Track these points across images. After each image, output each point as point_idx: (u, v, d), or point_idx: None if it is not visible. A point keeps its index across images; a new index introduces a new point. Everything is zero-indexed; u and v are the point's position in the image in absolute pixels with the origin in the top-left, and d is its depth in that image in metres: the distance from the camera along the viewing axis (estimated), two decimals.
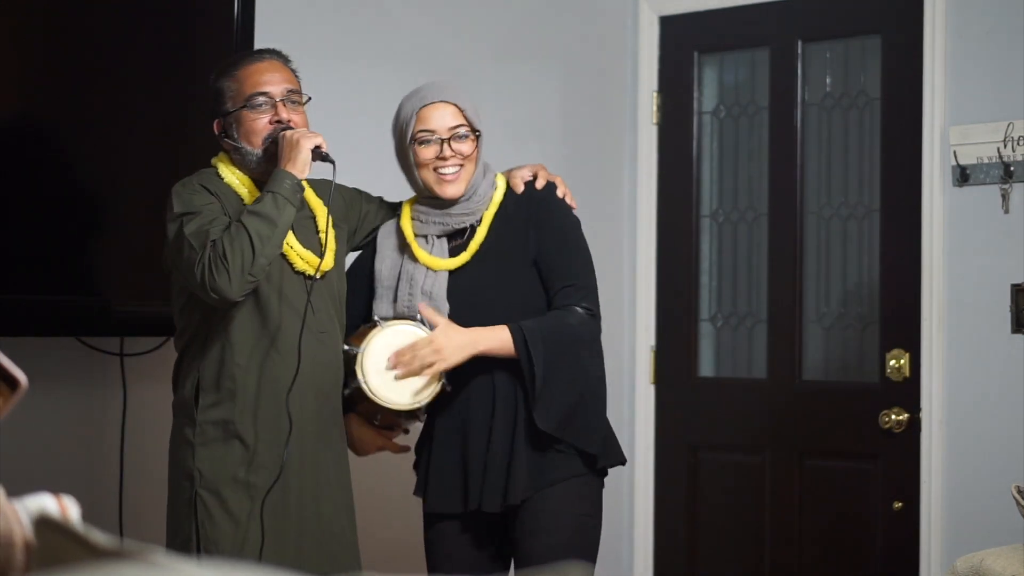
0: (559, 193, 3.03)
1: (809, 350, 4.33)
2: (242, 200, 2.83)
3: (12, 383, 1.33)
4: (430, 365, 2.81)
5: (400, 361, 2.81)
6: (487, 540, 2.97)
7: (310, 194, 2.91)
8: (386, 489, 3.73)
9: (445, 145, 2.91)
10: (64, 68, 3.12)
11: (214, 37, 3.33)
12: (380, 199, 3.12)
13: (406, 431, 3.06)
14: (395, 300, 2.95)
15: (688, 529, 4.46)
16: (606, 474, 3.02)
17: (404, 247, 2.99)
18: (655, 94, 4.59)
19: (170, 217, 2.77)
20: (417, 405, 2.87)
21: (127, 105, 3.21)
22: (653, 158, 4.59)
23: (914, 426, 4.07)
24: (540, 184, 3.02)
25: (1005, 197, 3.94)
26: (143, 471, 3.35)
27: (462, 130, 2.93)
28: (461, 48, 4.15)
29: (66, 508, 1.32)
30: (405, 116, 2.94)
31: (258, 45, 3.37)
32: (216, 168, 2.89)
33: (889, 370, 4.12)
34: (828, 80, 4.34)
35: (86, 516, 1.52)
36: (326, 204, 2.91)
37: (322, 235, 2.89)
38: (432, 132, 2.91)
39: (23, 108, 3.10)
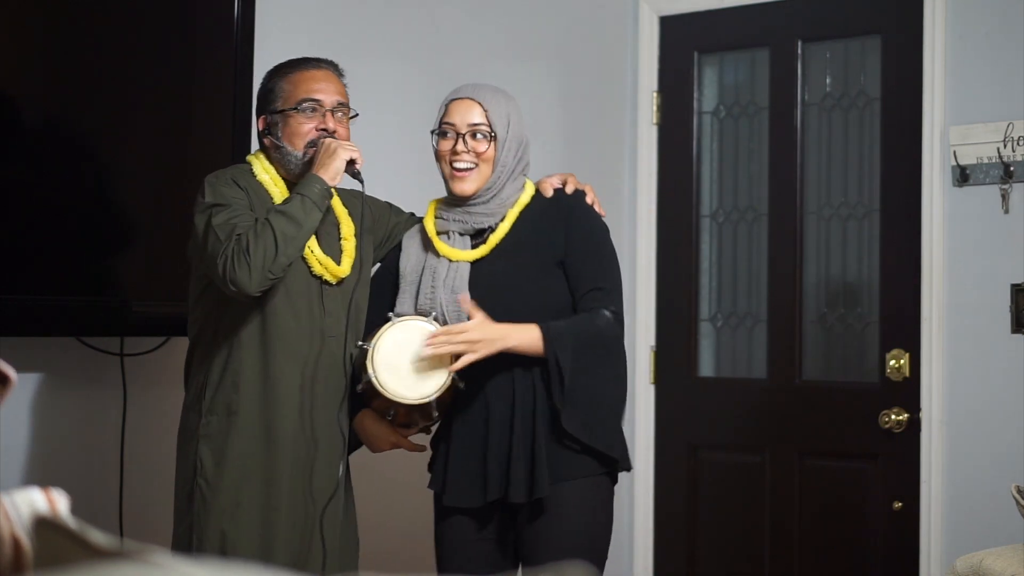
0: (588, 200, 3.08)
1: (809, 350, 4.33)
2: (272, 199, 2.89)
3: (2, 379, 1.33)
4: (460, 354, 2.83)
5: (433, 342, 2.83)
6: (498, 535, 2.99)
7: (337, 202, 2.98)
8: (392, 483, 3.73)
9: (461, 140, 2.96)
10: (64, 68, 3.12)
11: (214, 37, 3.33)
12: (411, 214, 3.18)
13: (427, 431, 3.07)
14: (417, 295, 2.98)
15: (688, 528, 4.46)
16: (617, 480, 3.04)
17: (427, 244, 3.03)
18: (655, 94, 4.59)
19: (199, 207, 2.82)
20: (425, 399, 2.87)
21: (127, 105, 3.21)
22: (653, 158, 4.59)
23: (914, 426, 4.07)
24: (570, 190, 3.07)
25: (1005, 197, 3.94)
26: (143, 471, 3.35)
27: (482, 129, 2.97)
28: (461, 48, 4.15)
29: (55, 502, 1.32)
30: (439, 108, 3.02)
31: (258, 45, 3.38)
32: (251, 164, 2.95)
33: (889, 370, 4.12)
34: (828, 80, 4.34)
35: (86, 516, 1.52)
36: (351, 214, 2.99)
37: (343, 243, 2.96)
38: (452, 125, 2.98)
39: (21, 108, 3.10)
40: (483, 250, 2.99)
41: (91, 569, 0.95)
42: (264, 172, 2.93)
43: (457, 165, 2.97)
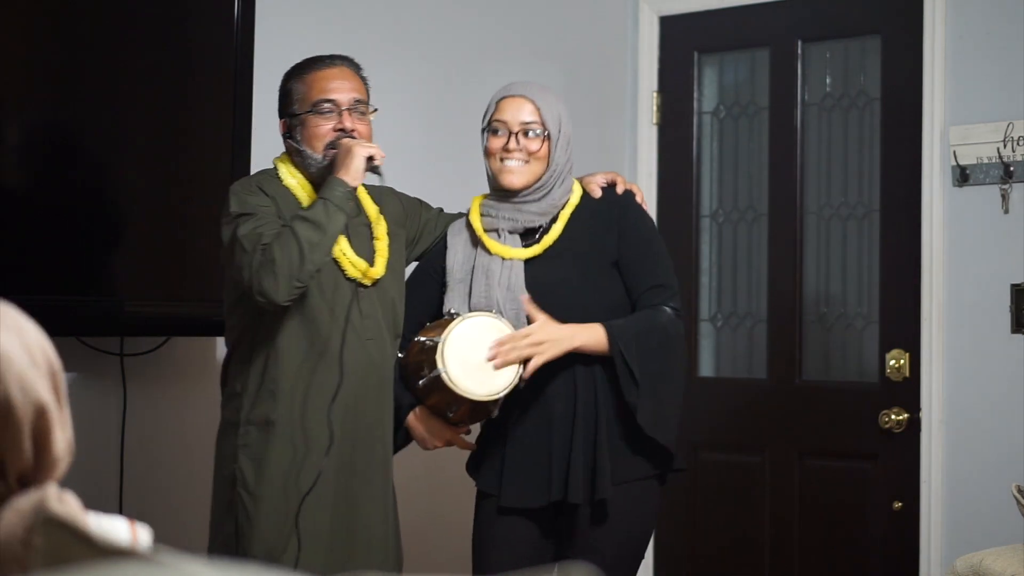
0: (637, 200, 3.09)
1: (809, 350, 4.33)
2: (299, 203, 2.84)
3: None
4: (528, 357, 2.83)
5: (499, 351, 2.82)
6: (549, 535, 2.99)
7: (368, 202, 2.95)
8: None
9: (513, 138, 2.96)
10: (63, 68, 3.11)
11: (214, 37, 3.33)
12: (440, 209, 3.17)
13: (468, 431, 3.06)
14: (470, 293, 2.97)
15: (688, 528, 4.46)
16: (665, 482, 3.05)
17: (475, 241, 3.02)
18: (655, 94, 4.59)
19: (226, 218, 2.79)
20: (495, 396, 2.86)
21: (127, 105, 3.21)
22: (653, 158, 4.59)
23: (914, 426, 4.07)
24: (620, 190, 3.07)
25: (1005, 197, 3.94)
26: (143, 471, 3.35)
27: (535, 128, 2.97)
28: (461, 48, 4.15)
29: (136, 533, 1.33)
30: (488, 105, 3.02)
31: (258, 45, 3.37)
32: (276, 169, 2.91)
33: (889, 370, 4.12)
34: (828, 80, 4.34)
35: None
36: (383, 212, 2.96)
37: (376, 243, 2.92)
38: (504, 123, 2.97)
39: (21, 108, 3.10)
40: (536, 249, 2.98)
41: (96, 568, 0.95)
42: (290, 176, 2.88)
43: (508, 163, 2.96)
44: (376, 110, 2.92)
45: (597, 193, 3.06)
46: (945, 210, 4.04)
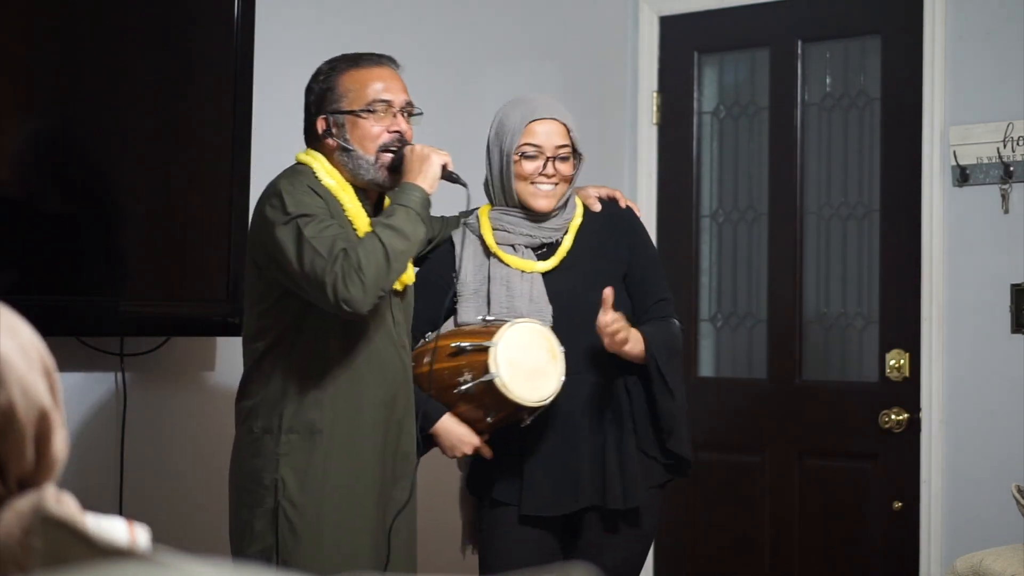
0: (623, 205, 3.15)
1: (809, 350, 4.33)
2: (341, 206, 2.73)
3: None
4: (624, 341, 2.86)
5: (609, 330, 2.83)
6: (558, 543, 3.01)
7: (357, 207, 2.84)
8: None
9: (549, 163, 2.96)
10: (62, 67, 3.11)
11: (214, 37, 3.33)
12: (441, 216, 3.13)
13: (488, 439, 3.02)
14: (488, 303, 2.96)
15: (688, 528, 4.46)
16: (665, 487, 3.11)
17: (487, 252, 3.02)
18: (655, 94, 4.59)
19: (280, 218, 2.64)
20: (544, 403, 2.85)
21: (126, 105, 3.21)
22: (653, 158, 4.59)
23: (914, 426, 4.07)
24: (624, 205, 3.13)
25: (1005, 197, 3.94)
26: (143, 471, 3.35)
27: (566, 150, 2.98)
28: (461, 48, 4.15)
29: (135, 533, 1.32)
30: (513, 125, 2.97)
31: (258, 45, 3.37)
32: (310, 168, 2.76)
33: (889, 370, 4.12)
34: (828, 80, 4.34)
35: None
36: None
37: None
38: (539, 148, 2.96)
39: (20, 108, 3.10)
40: (554, 262, 3.00)
41: (96, 568, 0.95)
42: (329, 176, 2.74)
43: (542, 186, 2.97)
44: (421, 113, 2.85)
45: (597, 207, 3.10)
46: (945, 210, 4.04)
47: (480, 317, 2.94)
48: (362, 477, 2.75)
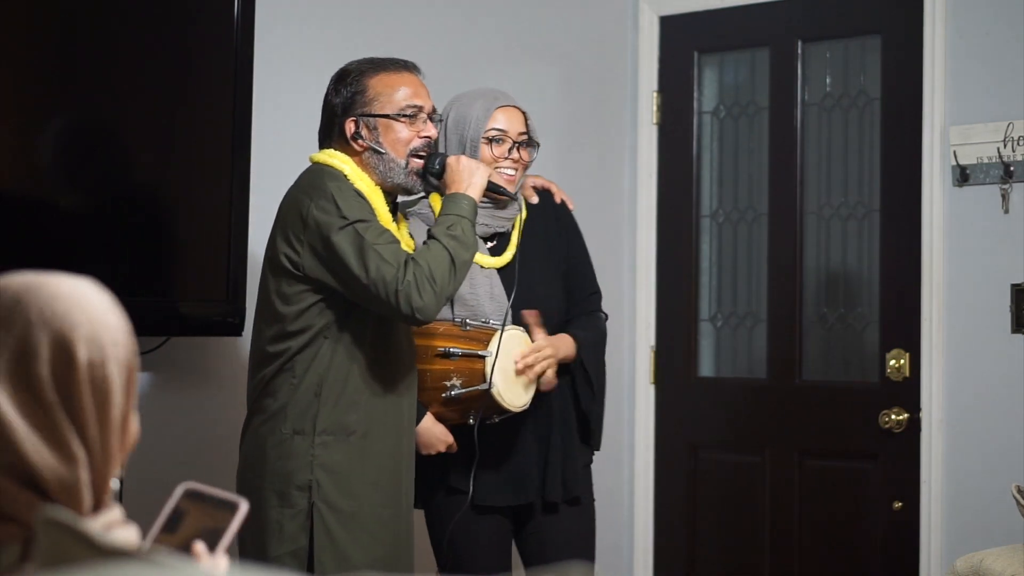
0: (558, 199, 3.24)
1: (809, 350, 4.33)
2: (372, 209, 2.73)
3: (231, 506, 1.34)
4: (546, 369, 2.99)
5: (526, 364, 2.94)
6: (508, 528, 3.13)
7: (388, 213, 2.84)
8: None
9: (515, 149, 3.05)
10: (61, 67, 3.11)
11: (214, 37, 3.33)
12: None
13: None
14: (453, 301, 2.98)
15: (688, 528, 4.46)
16: None
17: None
18: (655, 94, 4.59)
19: (336, 221, 2.65)
20: (524, 408, 2.98)
21: (126, 105, 3.21)
22: (653, 158, 4.59)
23: (914, 426, 4.07)
24: (559, 199, 3.23)
25: (1005, 197, 3.94)
26: (142, 471, 3.35)
27: (525, 138, 3.08)
28: (461, 48, 4.15)
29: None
30: (477, 113, 3.02)
31: (258, 45, 3.37)
32: (336, 170, 2.76)
33: (889, 370, 4.12)
34: (828, 80, 4.34)
35: None
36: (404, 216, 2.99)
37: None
38: (504, 132, 3.04)
39: (19, 108, 3.10)
40: (507, 257, 3.06)
41: (96, 568, 0.95)
42: (359, 180, 2.76)
43: (507, 171, 3.03)
44: (442, 119, 2.91)
45: (535, 199, 3.19)
46: (945, 210, 4.04)
47: (458, 319, 2.97)
48: (394, 477, 2.79)
